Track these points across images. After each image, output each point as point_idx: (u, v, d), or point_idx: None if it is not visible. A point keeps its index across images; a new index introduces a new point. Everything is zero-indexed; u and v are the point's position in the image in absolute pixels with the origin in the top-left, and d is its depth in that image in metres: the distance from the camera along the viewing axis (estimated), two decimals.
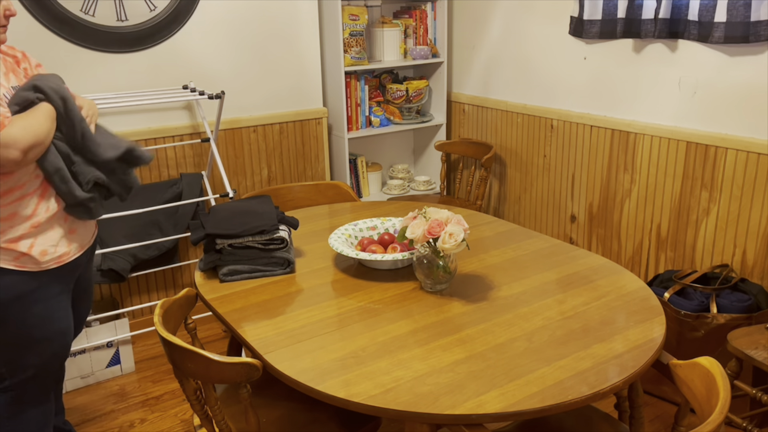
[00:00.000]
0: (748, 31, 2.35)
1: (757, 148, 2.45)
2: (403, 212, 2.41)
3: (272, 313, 1.69)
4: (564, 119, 3.20)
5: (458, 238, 1.68)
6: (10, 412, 1.82)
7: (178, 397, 2.64)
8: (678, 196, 2.76)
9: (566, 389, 1.34)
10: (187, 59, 3.06)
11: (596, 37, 2.91)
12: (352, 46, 3.43)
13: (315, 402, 1.78)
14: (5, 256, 1.65)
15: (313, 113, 3.49)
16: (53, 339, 1.79)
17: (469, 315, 1.65)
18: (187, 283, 3.28)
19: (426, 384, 1.37)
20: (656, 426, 2.39)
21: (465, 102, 3.77)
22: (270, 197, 2.17)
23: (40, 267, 1.70)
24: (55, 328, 1.79)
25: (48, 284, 1.74)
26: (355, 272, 1.93)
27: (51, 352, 1.81)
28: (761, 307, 2.38)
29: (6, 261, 1.65)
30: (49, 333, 1.77)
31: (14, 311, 1.69)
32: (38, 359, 1.78)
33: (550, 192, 3.37)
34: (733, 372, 2.15)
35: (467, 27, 3.66)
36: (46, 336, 1.77)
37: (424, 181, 3.90)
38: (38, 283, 1.71)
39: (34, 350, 1.76)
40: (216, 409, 1.51)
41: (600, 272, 1.88)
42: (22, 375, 1.78)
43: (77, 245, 1.80)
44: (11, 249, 1.65)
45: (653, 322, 1.60)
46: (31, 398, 1.83)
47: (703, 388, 1.33)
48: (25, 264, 1.68)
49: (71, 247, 1.78)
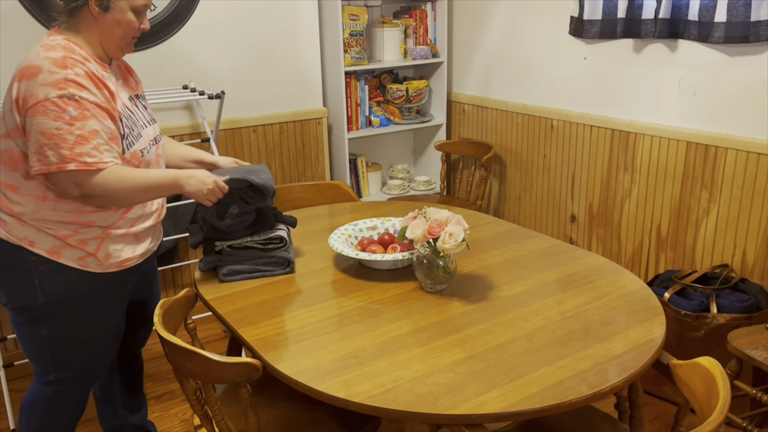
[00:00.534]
0: (748, 31, 2.35)
1: (757, 148, 2.45)
2: (403, 212, 2.41)
3: (272, 313, 1.69)
4: (564, 119, 3.19)
5: (458, 238, 1.68)
6: (47, 406, 1.83)
7: (178, 397, 2.64)
8: (678, 196, 2.76)
9: (566, 389, 1.34)
10: (187, 59, 3.06)
11: (596, 37, 2.91)
12: (352, 46, 3.43)
13: (315, 402, 1.78)
14: (71, 254, 1.67)
15: (313, 113, 3.49)
16: (104, 341, 1.81)
17: (469, 315, 1.65)
18: (187, 283, 3.28)
19: (426, 384, 1.37)
20: (656, 426, 2.39)
21: (465, 102, 3.77)
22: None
23: (102, 269, 1.71)
24: (107, 330, 1.81)
25: (107, 286, 1.75)
26: (355, 272, 1.93)
27: (99, 352, 1.82)
28: (761, 307, 2.38)
29: (71, 259, 1.67)
30: (100, 334, 1.79)
31: (71, 310, 1.71)
32: (86, 358, 1.80)
33: (550, 192, 3.37)
34: (733, 372, 2.15)
35: (467, 27, 3.66)
36: (98, 337, 1.79)
37: (424, 181, 3.90)
38: (98, 284, 1.72)
39: (83, 349, 1.78)
40: (216, 409, 1.50)
41: (600, 272, 1.88)
42: (68, 372, 1.79)
43: (142, 252, 1.81)
44: (78, 248, 1.67)
45: (653, 322, 1.60)
46: (70, 394, 1.85)
47: (703, 388, 1.33)
48: (89, 265, 1.69)
49: (135, 254, 1.79)
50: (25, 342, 1.75)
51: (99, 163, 1.56)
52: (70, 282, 1.68)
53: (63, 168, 1.53)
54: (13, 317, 1.73)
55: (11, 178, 1.63)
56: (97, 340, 1.80)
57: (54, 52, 1.55)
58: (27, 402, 1.85)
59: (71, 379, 1.81)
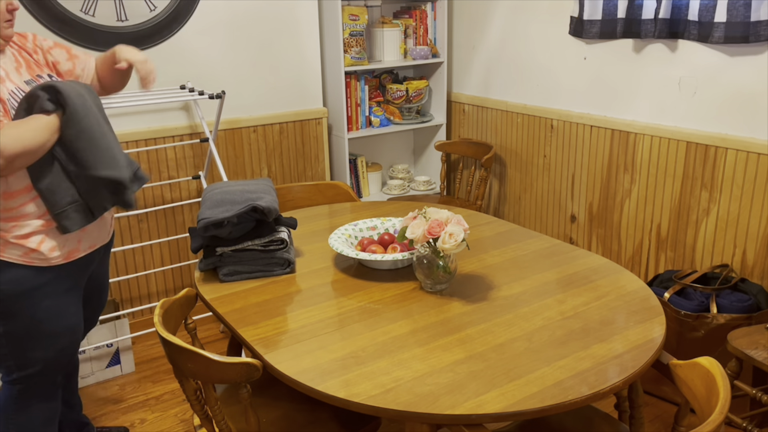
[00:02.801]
0: (748, 31, 2.35)
1: (757, 148, 2.45)
2: (403, 212, 2.41)
3: (272, 313, 1.69)
4: (564, 119, 3.20)
5: (458, 238, 1.68)
6: (17, 406, 1.83)
7: (178, 397, 2.64)
8: (678, 196, 2.76)
9: (566, 389, 1.34)
10: (187, 59, 3.06)
11: (596, 37, 2.91)
12: (352, 46, 3.43)
13: (315, 402, 1.78)
14: (14, 252, 1.66)
15: (313, 113, 3.49)
16: (62, 334, 1.80)
17: (469, 315, 1.65)
18: (187, 283, 3.28)
19: (426, 384, 1.37)
20: (656, 426, 2.39)
21: (465, 102, 3.77)
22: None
23: (48, 263, 1.71)
24: (64, 324, 1.80)
25: (57, 280, 1.75)
26: (355, 272, 1.93)
27: (59, 347, 1.82)
28: (761, 307, 2.38)
29: (14, 256, 1.66)
30: (57, 328, 1.78)
31: (23, 305, 1.70)
32: (46, 354, 1.79)
33: (550, 192, 3.37)
34: (733, 372, 2.15)
35: (467, 27, 3.66)
36: (55, 331, 1.78)
37: (424, 181, 3.90)
38: (46, 278, 1.72)
39: (42, 345, 1.77)
40: (216, 409, 1.51)
41: (600, 272, 1.88)
42: (30, 369, 1.78)
43: (88, 243, 1.81)
44: (20, 245, 1.66)
45: (653, 322, 1.60)
46: (37, 393, 1.84)
47: (703, 388, 1.33)
48: (33, 260, 1.69)
49: (81, 245, 1.78)
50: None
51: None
52: (19, 278, 1.67)
53: None
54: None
55: None
56: (55, 334, 1.78)
57: None
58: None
59: (35, 376, 1.80)
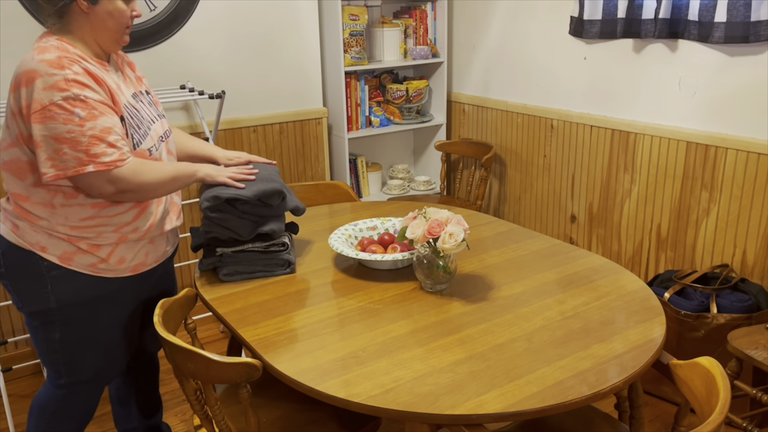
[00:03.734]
0: (748, 31, 2.35)
1: (757, 148, 2.45)
2: (403, 212, 2.41)
3: (272, 313, 1.69)
4: (564, 119, 3.19)
5: (458, 238, 1.68)
6: (57, 408, 1.82)
7: (178, 397, 2.64)
8: (678, 196, 2.76)
9: (566, 389, 1.34)
10: (187, 59, 3.06)
11: (596, 37, 2.91)
12: (352, 46, 3.43)
13: (315, 402, 1.78)
14: (83, 260, 1.65)
15: (313, 113, 3.49)
16: (116, 345, 1.80)
17: (469, 315, 1.65)
18: (187, 283, 3.28)
19: (426, 384, 1.37)
20: (656, 426, 2.39)
21: (465, 102, 3.77)
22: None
23: (115, 274, 1.70)
24: (120, 335, 1.80)
25: (119, 291, 1.74)
26: (355, 272, 1.93)
27: (111, 357, 1.81)
28: (761, 307, 2.38)
29: (82, 265, 1.65)
30: (113, 338, 1.78)
31: (84, 313, 1.70)
32: (98, 363, 1.78)
33: (550, 192, 3.37)
34: (733, 372, 2.15)
35: (467, 27, 3.66)
36: (110, 341, 1.78)
37: (424, 181, 3.90)
38: (110, 289, 1.71)
39: (95, 353, 1.76)
40: (216, 409, 1.50)
41: (600, 272, 1.88)
42: (80, 376, 1.78)
43: (155, 257, 1.80)
44: (90, 253, 1.66)
45: (653, 322, 1.60)
46: (81, 398, 1.83)
47: (703, 388, 1.33)
48: (101, 270, 1.68)
49: (149, 258, 1.78)
50: (38, 345, 1.74)
51: (117, 162, 1.55)
52: (83, 287, 1.67)
53: (80, 171, 1.51)
54: (27, 321, 1.72)
55: (19, 187, 1.61)
56: (110, 345, 1.78)
57: (48, 53, 1.51)
58: (37, 403, 1.83)
59: (82, 383, 1.80)
